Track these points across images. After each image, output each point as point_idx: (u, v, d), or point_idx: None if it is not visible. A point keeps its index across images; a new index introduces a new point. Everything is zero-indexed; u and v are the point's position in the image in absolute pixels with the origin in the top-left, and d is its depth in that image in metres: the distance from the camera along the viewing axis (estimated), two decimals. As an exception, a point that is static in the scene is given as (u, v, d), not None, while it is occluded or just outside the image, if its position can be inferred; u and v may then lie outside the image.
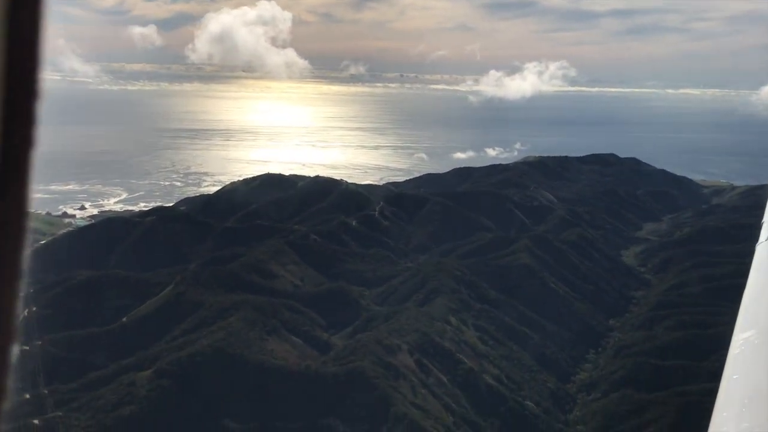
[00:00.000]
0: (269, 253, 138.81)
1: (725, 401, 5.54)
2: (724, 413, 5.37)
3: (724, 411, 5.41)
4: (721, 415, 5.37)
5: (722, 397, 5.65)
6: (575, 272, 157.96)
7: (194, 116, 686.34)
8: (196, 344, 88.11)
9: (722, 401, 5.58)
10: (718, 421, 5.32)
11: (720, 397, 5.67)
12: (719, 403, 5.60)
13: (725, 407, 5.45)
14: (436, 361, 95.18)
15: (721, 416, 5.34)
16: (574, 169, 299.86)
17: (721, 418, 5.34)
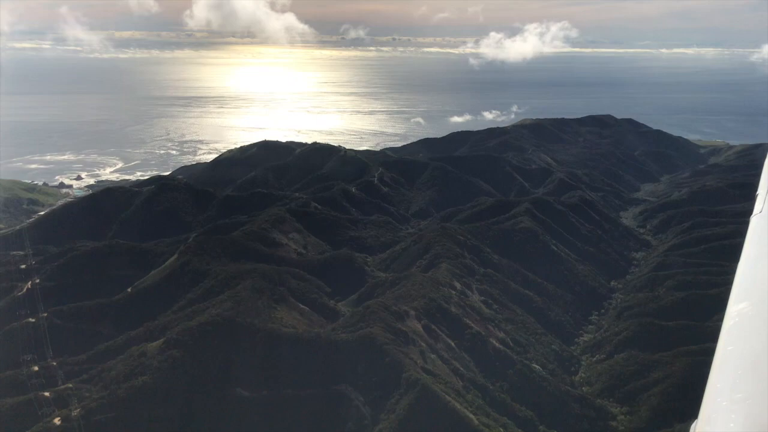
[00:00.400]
0: (271, 222, 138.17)
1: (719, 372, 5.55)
2: (718, 384, 5.38)
3: (718, 382, 5.40)
4: (716, 386, 5.38)
5: (716, 368, 5.65)
6: (576, 235, 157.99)
7: (187, 84, 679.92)
8: (205, 314, 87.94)
9: (716, 372, 5.61)
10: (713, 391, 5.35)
11: (714, 368, 5.70)
12: (714, 373, 5.64)
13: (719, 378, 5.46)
14: (443, 325, 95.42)
15: (716, 387, 5.35)
16: (571, 131, 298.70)
17: (715, 388, 5.35)
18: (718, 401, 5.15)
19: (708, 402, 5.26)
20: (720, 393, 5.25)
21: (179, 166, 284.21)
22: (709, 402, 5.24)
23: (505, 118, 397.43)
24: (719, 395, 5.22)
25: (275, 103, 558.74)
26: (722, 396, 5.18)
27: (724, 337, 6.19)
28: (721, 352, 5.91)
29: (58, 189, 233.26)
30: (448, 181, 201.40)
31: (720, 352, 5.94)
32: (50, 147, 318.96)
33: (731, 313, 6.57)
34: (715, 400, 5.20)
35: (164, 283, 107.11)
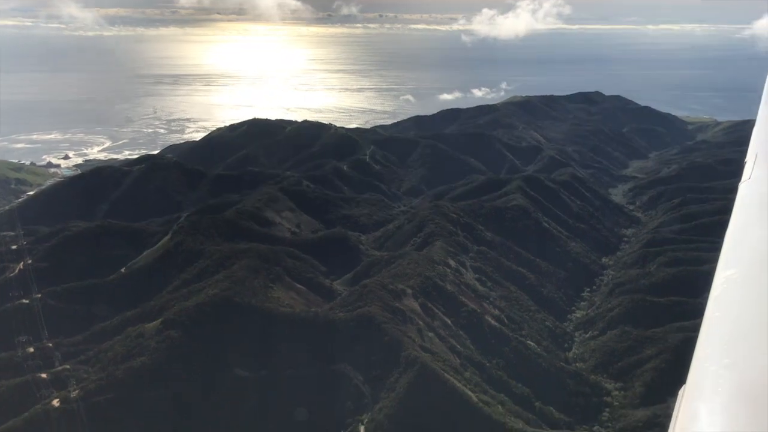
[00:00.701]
0: (264, 201, 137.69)
1: (707, 338, 5.61)
2: (706, 350, 5.43)
3: (706, 348, 5.47)
4: (703, 352, 5.44)
5: (704, 334, 5.72)
6: (567, 212, 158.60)
7: (173, 61, 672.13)
8: (201, 294, 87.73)
9: (704, 338, 5.65)
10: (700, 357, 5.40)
11: (702, 334, 5.74)
12: (701, 339, 5.68)
13: (707, 344, 5.51)
14: (439, 303, 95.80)
15: (703, 353, 5.41)
16: (560, 108, 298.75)
17: (703, 354, 5.41)
18: (705, 367, 5.20)
19: (695, 368, 5.31)
20: (708, 359, 5.30)
21: (167, 144, 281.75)
22: (697, 368, 5.29)
23: (495, 95, 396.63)
24: (707, 361, 5.27)
25: (263, 81, 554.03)
26: (710, 362, 5.23)
27: (711, 303, 6.25)
28: (709, 319, 5.95)
29: (45, 168, 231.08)
30: (439, 159, 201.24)
31: (708, 318, 5.98)
32: (36, 126, 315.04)
33: (719, 279, 6.62)
34: (702, 366, 5.25)
35: (158, 264, 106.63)
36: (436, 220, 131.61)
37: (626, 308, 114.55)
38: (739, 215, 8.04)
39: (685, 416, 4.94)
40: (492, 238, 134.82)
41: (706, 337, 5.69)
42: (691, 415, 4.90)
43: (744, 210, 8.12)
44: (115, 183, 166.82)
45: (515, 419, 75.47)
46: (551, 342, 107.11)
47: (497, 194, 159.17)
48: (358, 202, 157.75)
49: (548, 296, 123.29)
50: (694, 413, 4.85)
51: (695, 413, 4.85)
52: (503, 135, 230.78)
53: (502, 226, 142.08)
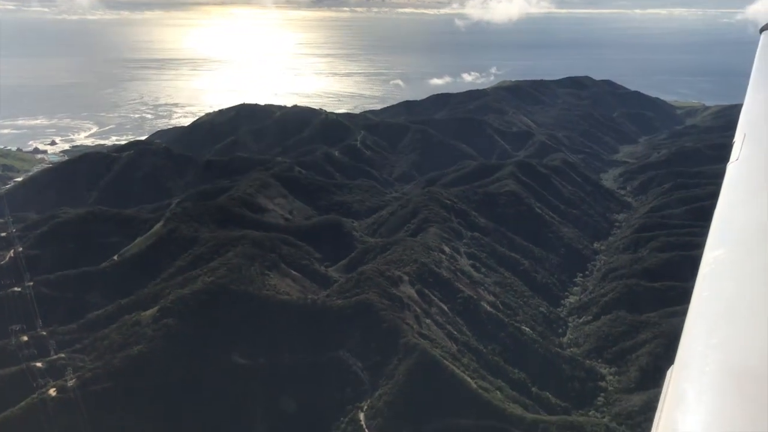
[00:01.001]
0: (256, 187, 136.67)
1: (696, 318, 5.68)
2: (694, 330, 5.50)
3: (694, 328, 5.53)
4: (691, 331, 5.50)
5: (692, 314, 5.79)
6: (559, 197, 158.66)
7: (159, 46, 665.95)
8: (197, 281, 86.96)
9: (693, 318, 5.72)
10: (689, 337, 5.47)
11: (690, 315, 5.82)
12: (690, 320, 5.75)
13: (696, 324, 5.58)
14: (435, 290, 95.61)
15: (691, 333, 5.47)
16: (550, 93, 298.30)
17: (691, 334, 5.47)
18: (693, 346, 5.24)
19: (683, 348, 5.36)
20: (696, 338, 5.34)
21: (155, 130, 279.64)
22: (685, 347, 5.35)
23: (485, 80, 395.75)
24: (695, 341, 5.31)
25: (249, 66, 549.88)
26: (698, 341, 5.27)
27: (700, 283, 6.25)
28: (697, 299, 5.97)
29: (32, 155, 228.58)
30: (430, 145, 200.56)
31: (696, 298, 6.00)
32: (21, 111, 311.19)
33: (707, 259, 6.62)
34: (690, 346, 5.29)
35: (151, 251, 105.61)
36: (430, 206, 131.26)
37: (620, 293, 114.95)
38: (727, 195, 8.05)
39: (673, 396, 4.98)
40: (485, 224, 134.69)
41: (694, 317, 5.72)
42: (678, 394, 4.94)
43: (732, 190, 8.14)
44: (103, 169, 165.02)
45: (513, 405, 75.61)
46: (546, 327, 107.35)
47: (490, 180, 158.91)
48: (350, 188, 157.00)
49: (542, 282, 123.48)
50: (682, 393, 4.89)
51: (683, 393, 4.88)
52: (494, 120, 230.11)
53: (495, 211, 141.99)
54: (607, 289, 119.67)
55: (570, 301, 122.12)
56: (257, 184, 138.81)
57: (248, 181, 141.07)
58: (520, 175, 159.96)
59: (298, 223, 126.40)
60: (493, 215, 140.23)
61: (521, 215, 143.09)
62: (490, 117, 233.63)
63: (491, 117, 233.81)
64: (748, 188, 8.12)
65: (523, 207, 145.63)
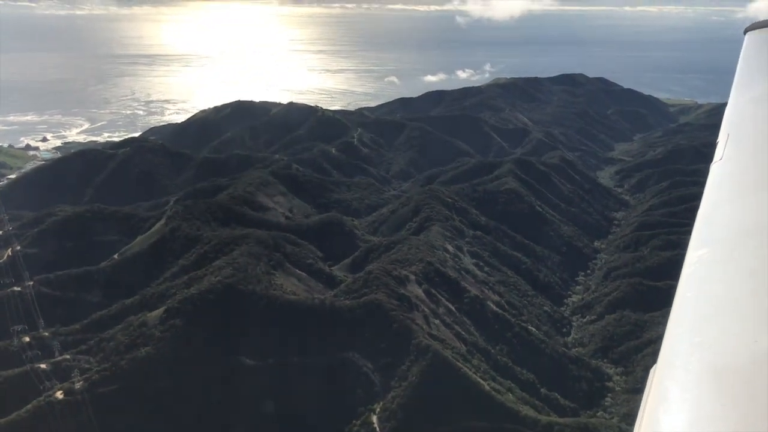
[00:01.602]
0: (255, 185, 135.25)
1: (679, 317, 5.69)
2: (677, 329, 5.49)
3: (677, 327, 5.52)
4: (675, 330, 5.49)
5: (676, 313, 5.81)
6: (558, 195, 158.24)
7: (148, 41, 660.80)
8: (203, 281, 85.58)
9: (676, 317, 5.72)
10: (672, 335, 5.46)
11: (673, 313, 5.83)
12: (673, 318, 5.75)
13: (679, 323, 5.58)
14: (442, 290, 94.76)
15: (675, 332, 5.46)
16: (545, 90, 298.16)
17: (674, 333, 5.46)
18: (677, 345, 5.24)
19: (667, 347, 5.36)
20: (679, 337, 5.33)
21: (147, 126, 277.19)
22: (669, 346, 5.35)
23: (480, 78, 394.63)
24: (678, 340, 5.30)
25: (241, 61, 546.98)
26: (681, 340, 5.26)
27: (683, 282, 6.31)
28: (681, 298, 6.03)
29: (24, 151, 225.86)
30: (427, 142, 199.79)
31: (679, 297, 6.06)
32: (11, 107, 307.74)
33: (691, 259, 6.68)
34: (674, 345, 5.29)
35: (153, 250, 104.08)
36: (432, 204, 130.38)
37: (623, 292, 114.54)
38: (711, 195, 8.09)
39: (656, 395, 4.98)
40: (486, 222, 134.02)
41: (677, 316, 5.73)
42: (661, 393, 4.94)
43: (715, 190, 8.17)
44: (99, 166, 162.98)
45: (525, 407, 74.95)
46: (550, 327, 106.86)
47: (489, 178, 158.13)
48: (349, 186, 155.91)
49: (544, 281, 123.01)
50: (665, 392, 4.88)
51: (666, 392, 4.88)
52: (490, 117, 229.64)
53: (496, 209, 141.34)
54: (610, 288, 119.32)
55: (573, 300, 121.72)
56: (257, 182, 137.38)
57: (248, 179, 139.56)
58: (519, 172, 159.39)
59: (299, 222, 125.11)
60: (493, 213, 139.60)
61: (522, 213, 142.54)
62: (486, 114, 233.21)
63: (487, 114, 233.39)
64: (731, 188, 8.11)
65: (523, 205, 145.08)
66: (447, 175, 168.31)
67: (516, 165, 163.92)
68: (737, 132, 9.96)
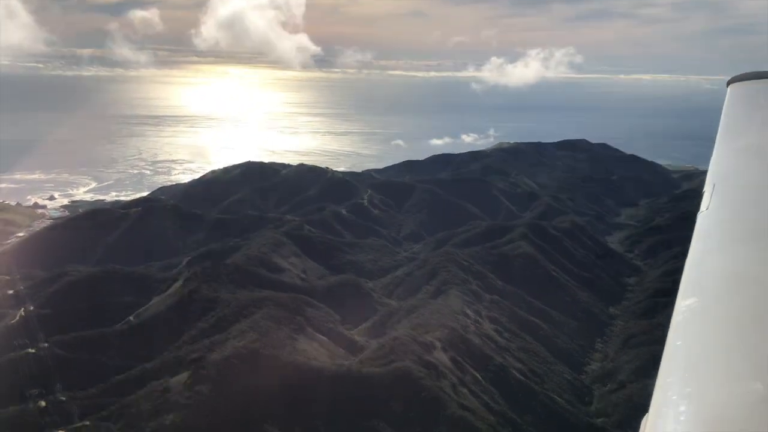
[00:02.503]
0: (269, 245, 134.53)
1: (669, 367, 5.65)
2: (668, 378, 5.45)
3: (668, 377, 5.48)
4: (666, 380, 5.44)
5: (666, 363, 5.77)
6: (571, 259, 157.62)
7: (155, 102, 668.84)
8: (226, 345, 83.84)
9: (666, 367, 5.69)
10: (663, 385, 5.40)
11: (663, 363, 5.79)
12: (663, 369, 5.71)
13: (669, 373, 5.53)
14: (467, 357, 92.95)
15: (665, 381, 5.42)
16: (549, 155, 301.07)
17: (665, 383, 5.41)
18: (668, 395, 5.17)
19: (657, 397, 5.28)
20: (670, 387, 5.29)
21: (154, 186, 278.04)
22: (660, 396, 5.27)
23: (484, 142, 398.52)
24: (669, 389, 5.25)
25: (245, 123, 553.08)
26: (672, 390, 5.21)
27: (672, 332, 6.30)
28: (671, 348, 6.01)
29: (32, 209, 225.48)
30: (436, 204, 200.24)
31: (669, 347, 6.04)
32: (18, 165, 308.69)
33: (680, 308, 6.71)
34: (665, 394, 5.22)
35: (171, 312, 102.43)
36: (448, 267, 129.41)
37: (644, 360, 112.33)
38: (698, 245, 8.16)
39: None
40: (503, 286, 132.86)
41: (667, 366, 5.71)
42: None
43: (702, 239, 8.26)
44: (111, 226, 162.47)
45: (560, 481, 72.56)
46: (572, 395, 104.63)
47: (502, 241, 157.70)
48: (361, 247, 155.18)
49: (563, 347, 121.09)
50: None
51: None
52: (498, 181, 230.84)
53: (511, 273, 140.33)
54: (630, 356, 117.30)
55: (592, 368, 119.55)
56: (271, 242, 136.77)
57: (261, 240, 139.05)
58: (532, 236, 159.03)
59: (315, 283, 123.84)
60: (508, 277, 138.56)
61: (537, 278, 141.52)
62: (495, 178, 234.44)
63: (496, 178, 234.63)
64: (718, 237, 8.20)
65: (538, 269, 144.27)
66: (459, 238, 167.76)
67: (528, 229, 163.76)
68: (723, 182, 10.05)
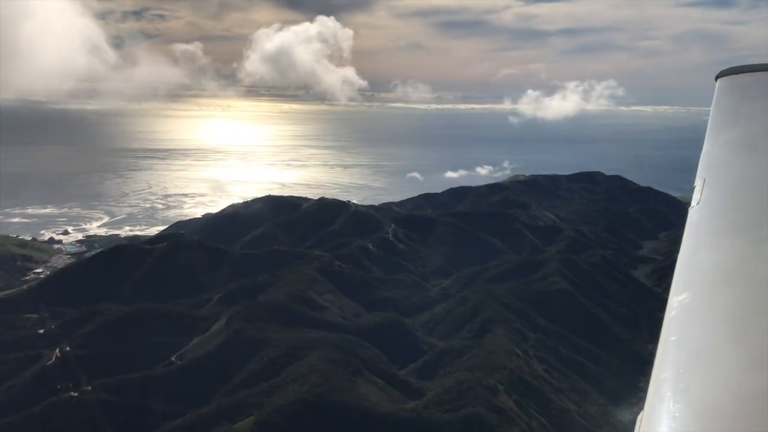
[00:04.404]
0: (305, 282, 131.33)
1: (663, 363, 5.64)
2: (662, 375, 5.46)
3: (662, 373, 5.49)
4: (659, 376, 5.45)
5: (660, 359, 5.76)
6: (606, 295, 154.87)
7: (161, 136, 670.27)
8: (287, 390, 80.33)
9: (660, 363, 5.67)
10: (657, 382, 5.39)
11: (657, 359, 5.77)
12: (657, 365, 5.69)
13: (663, 369, 5.54)
14: (530, 400, 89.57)
15: (659, 377, 5.42)
16: (564, 188, 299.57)
17: (659, 379, 5.41)
18: (662, 391, 5.17)
19: (652, 393, 5.29)
20: (663, 383, 5.28)
21: (167, 220, 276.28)
22: (654, 392, 5.28)
23: (501, 174, 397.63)
24: (663, 385, 5.25)
25: (252, 156, 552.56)
26: (666, 386, 5.21)
27: (666, 328, 6.22)
28: (664, 343, 5.93)
29: (48, 244, 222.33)
30: (460, 238, 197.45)
31: (663, 343, 5.97)
32: (29, 200, 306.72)
33: (673, 304, 6.56)
34: (659, 391, 5.22)
35: (217, 353, 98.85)
36: (491, 304, 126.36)
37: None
38: (690, 240, 8.03)
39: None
40: (545, 324, 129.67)
41: (661, 362, 5.70)
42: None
43: (694, 234, 8.12)
44: (136, 262, 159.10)
45: None
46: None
47: (535, 277, 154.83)
48: (394, 283, 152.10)
49: (609, 386, 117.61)
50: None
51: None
52: (519, 214, 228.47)
53: (551, 310, 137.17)
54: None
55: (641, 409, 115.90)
56: (306, 279, 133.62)
57: (296, 277, 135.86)
58: (566, 272, 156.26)
59: (358, 322, 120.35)
60: (548, 314, 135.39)
61: (575, 314, 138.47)
62: (516, 211, 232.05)
63: (517, 211, 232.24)
64: (709, 232, 8.16)
65: (576, 306, 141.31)
66: (489, 273, 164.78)
67: (561, 264, 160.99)
68: (712, 176, 10.05)
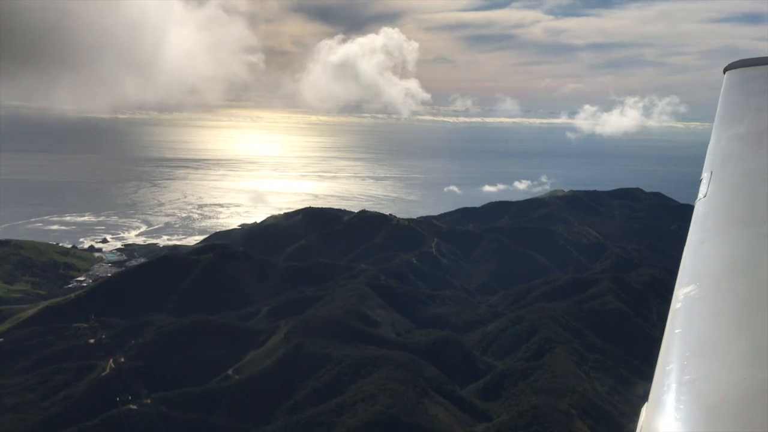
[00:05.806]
0: (357, 297, 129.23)
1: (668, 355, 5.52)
2: (667, 367, 5.35)
3: (667, 365, 5.38)
4: (664, 368, 5.34)
5: (665, 350, 5.63)
6: (658, 315, 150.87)
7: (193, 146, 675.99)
8: (357, 410, 78.16)
9: (665, 355, 5.56)
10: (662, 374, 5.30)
11: (663, 351, 5.65)
12: (662, 356, 5.59)
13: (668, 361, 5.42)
14: (603, 425, 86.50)
15: (664, 370, 5.32)
16: (605, 204, 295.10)
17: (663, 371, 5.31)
18: (667, 383, 5.06)
19: (657, 385, 5.19)
20: (668, 375, 5.17)
21: (204, 230, 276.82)
22: (658, 384, 5.18)
23: (540, 189, 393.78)
24: (668, 377, 5.14)
25: (284, 167, 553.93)
26: (671, 378, 5.09)
27: (671, 320, 6.09)
28: (669, 335, 5.79)
29: (89, 253, 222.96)
30: (504, 254, 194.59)
31: (668, 335, 5.83)
32: (67, 207, 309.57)
33: (678, 296, 6.47)
34: (664, 383, 5.12)
35: (277, 368, 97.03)
36: (548, 324, 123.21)
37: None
38: (696, 232, 7.91)
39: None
40: (602, 345, 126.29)
41: (666, 353, 5.56)
42: None
43: (700, 227, 7.98)
44: (183, 272, 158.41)
45: None
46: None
47: (587, 295, 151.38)
48: (442, 300, 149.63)
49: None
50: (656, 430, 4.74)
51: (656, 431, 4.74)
52: (563, 230, 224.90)
53: (606, 330, 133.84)
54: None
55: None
56: (357, 294, 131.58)
57: (347, 291, 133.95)
58: (618, 290, 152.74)
59: (413, 340, 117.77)
60: (603, 334, 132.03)
61: (630, 334, 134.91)
62: (559, 227, 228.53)
63: (560, 227, 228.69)
64: (716, 224, 8.00)
65: (632, 326, 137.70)
66: (539, 291, 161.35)
67: (613, 283, 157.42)
68: (720, 169, 9.86)
